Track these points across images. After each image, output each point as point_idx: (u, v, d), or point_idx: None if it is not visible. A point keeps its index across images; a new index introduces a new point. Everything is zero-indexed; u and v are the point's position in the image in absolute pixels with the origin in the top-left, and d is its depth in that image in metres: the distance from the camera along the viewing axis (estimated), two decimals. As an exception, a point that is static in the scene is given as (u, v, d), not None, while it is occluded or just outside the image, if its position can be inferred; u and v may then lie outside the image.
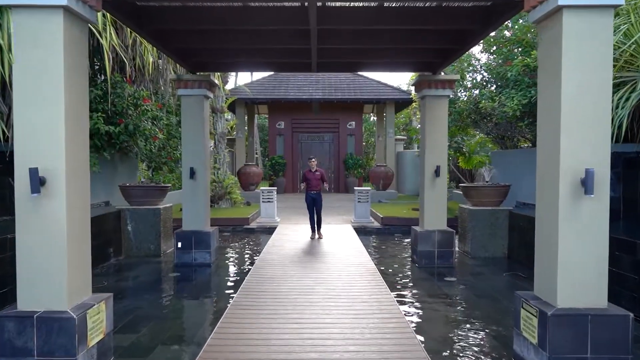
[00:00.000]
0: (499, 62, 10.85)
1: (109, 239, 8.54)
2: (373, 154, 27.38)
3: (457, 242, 9.26)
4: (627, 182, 6.95)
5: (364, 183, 22.20)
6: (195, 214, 8.25)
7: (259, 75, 22.94)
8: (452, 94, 8.68)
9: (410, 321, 5.17)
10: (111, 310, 4.22)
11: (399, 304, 5.65)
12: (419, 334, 4.69)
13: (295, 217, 13.20)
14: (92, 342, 3.84)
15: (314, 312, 5.15)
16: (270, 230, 11.32)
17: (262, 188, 13.11)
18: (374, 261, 7.82)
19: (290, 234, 10.54)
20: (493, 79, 11.00)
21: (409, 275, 7.70)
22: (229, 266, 8.55)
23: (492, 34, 10.14)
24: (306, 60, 7.56)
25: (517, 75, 8.99)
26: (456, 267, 8.16)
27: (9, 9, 5.45)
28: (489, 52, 11.62)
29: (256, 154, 26.97)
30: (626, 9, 6.82)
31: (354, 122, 21.84)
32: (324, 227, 10.57)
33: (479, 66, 11.98)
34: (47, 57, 3.65)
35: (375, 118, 25.18)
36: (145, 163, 12.24)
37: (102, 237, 8.22)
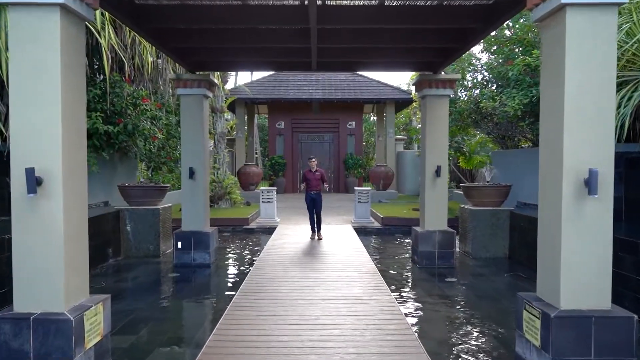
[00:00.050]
0: (499, 61, 10.81)
1: (108, 239, 8.50)
2: (373, 154, 27.34)
3: (457, 242, 9.22)
4: (629, 182, 6.91)
5: (364, 183, 22.16)
6: (195, 214, 8.21)
7: (259, 75, 22.91)
8: (453, 93, 8.62)
9: (411, 322, 5.13)
10: (109, 311, 4.17)
11: (400, 305, 5.61)
12: (420, 336, 4.64)
13: (295, 217, 13.15)
14: (90, 344, 3.80)
15: (313, 313, 5.11)
16: (270, 231, 11.28)
17: (262, 188, 13.07)
18: (374, 262, 7.78)
19: (290, 234, 10.49)
20: (494, 78, 10.95)
21: (409, 276, 7.66)
22: (228, 267, 8.51)
23: (493, 33, 10.11)
24: (306, 60, 7.52)
25: (518, 74, 8.96)
26: (457, 267, 8.12)
27: (5, 7, 5.39)
28: (490, 51, 11.58)
29: (256, 153, 26.93)
30: (628, 7, 6.77)
31: (354, 122, 21.79)
32: (324, 227, 10.53)
33: (479, 66, 11.94)
34: (43, 56, 3.60)
35: (375, 118, 25.14)
36: (144, 163, 12.20)
37: (100, 237, 8.18)
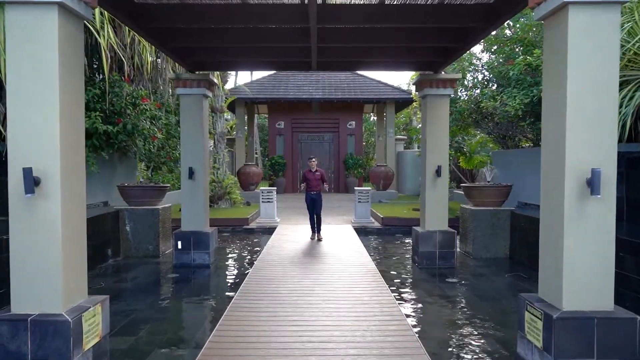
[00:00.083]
0: (499, 61, 10.78)
1: (107, 239, 8.47)
2: (373, 153, 27.30)
3: (458, 242, 9.19)
4: (631, 182, 6.87)
5: (364, 183, 22.13)
6: (194, 214, 8.18)
7: (259, 75, 22.87)
8: (453, 93, 8.59)
9: (411, 323, 5.10)
10: (107, 312, 4.14)
11: (400, 306, 5.58)
12: (420, 336, 4.61)
13: (295, 217, 13.12)
14: (88, 345, 3.77)
15: (313, 314, 5.08)
16: (270, 231, 11.24)
17: (261, 188, 13.04)
18: (374, 262, 7.74)
19: (290, 234, 10.46)
20: (494, 78, 10.92)
21: (410, 276, 7.63)
22: (228, 267, 8.47)
23: (493, 33, 10.07)
24: (306, 59, 7.49)
25: (519, 74, 8.92)
26: (457, 268, 8.09)
27: (2, 5, 5.36)
28: (490, 51, 11.55)
29: (256, 153, 26.89)
30: (630, 7, 6.74)
31: (354, 122, 21.76)
32: (324, 227, 10.49)
33: (480, 65, 11.91)
34: (41, 55, 3.57)
35: (376, 118, 25.10)
36: (144, 163, 12.17)
37: (100, 237, 8.14)
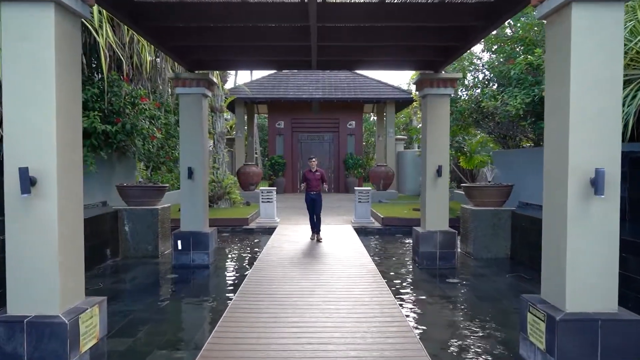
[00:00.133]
0: (500, 60, 10.73)
1: (106, 239, 8.42)
2: (373, 153, 27.26)
3: (459, 243, 9.15)
4: (633, 182, 6.83)
5: (364, 183, 22.08)
6: (194, 214, 8.13)
7: (259, 75, 22.81)
8: (454, 92, 8.55)
9: (412, 324, 5.05)
10: (105, 314, 4.10)
11: (401, 307, 5.54)
12: (421, 338, 4.57)
13: (295, 217, 13.08)
14: (85, 347, 3.73)
15: (313, 315, 5.04)
16: (269, 231, 11.20)
17: (261, 188, 12.99)
18: (374, 262, 7.70)
19: (290, 234, 10.41)
20: (495, 77, 10.88)
21: (410, 277, 7.58)
22: (227, 267, 8.42)
23: (494, 32, 10.02)
24: (306, 58, 7.45)
25: (520, 73, 8.87)
26: (458, 268, 8.04)
27: None
28: (491, 51, 11.50)
29: (256, 153, 26.85)
30: (632, 5, 6.70)
31: (354, 122, 21.71)
32: (324, 227, 10.44)
33: (480, 65, 11.86)
34: (37, 53, 3.53)
35: (376, 118, 25.05)
36: (143, 163, 12.12)
37: (98, 237, 8.10)
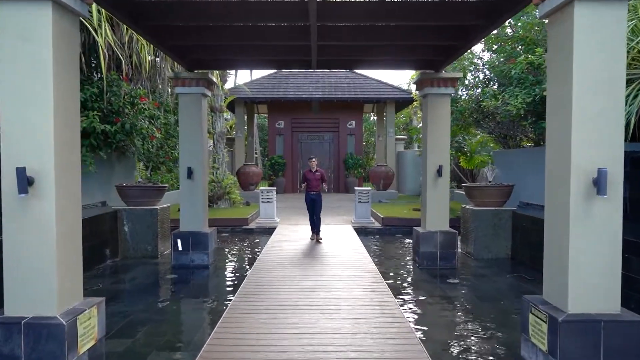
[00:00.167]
0: (500, 60, 10.69)
1: (105, 239, 8.39)
2: (373, 153, 27.22)
3: (459, 243, 9.11)
4: (635, 182, 6.79)
5: (364, 183, 22.04)
6: (193, 214, 8.10)
7: (259, 75, 22.77)
8: (454, 92, 8.50)
9: (413, 325, 5.02)
10: (103, 315, 4.07)
11: (401, 307, 5.50)
12: (422, 339, 4.54)
13: (295, 217, 13.04)
14: (83, 348, 3.69)
15: (313, 316, 5.00)
16: (269, 231, 11.16)
17: (261, 188, 12.96)
18: (374, 262, 7.67)
19: (290, 234, 10.38)
20: (496, 77, 10.84)
21: (411, 277, 7.55)
22: (227, 268, 8.39)
23: (494, 32, 9.99)
24: (306, 58, 7.41)
25: (521, 73, 8.84)
26: (459, 268, 8.01)
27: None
28: (491, 50, 11.46)
29: (256, 153, 26.81)
30: (633, 4, 6.67)
31: (354, 122, 21.67)
32: (324, 227, 10.41)
33: (481, 64, 11.83)
34: (35, 52, 3.50)
35: (376, 117, 25.01)
36: (142, 163, 12.08)
37: (98, 238, 8.07)
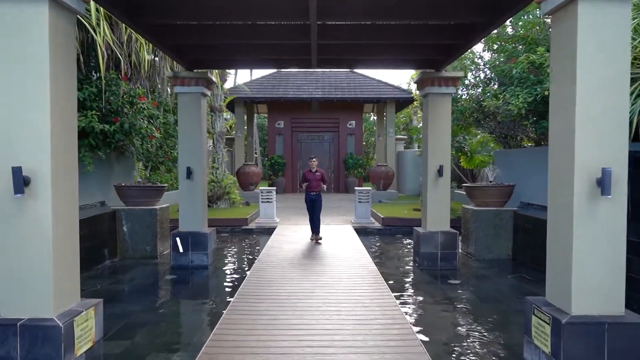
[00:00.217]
0: (500, 60, 10.64)
1: (104, 240, 8.34)
2: (373, 153, 27.17)
3: (460, 243, 9.06)
4: (637, 183, 6.74)
5: (364, 183, 22.00)
6: (193, 214, 8.05)
7: (259, 74, 22.72)
8: (455, 91, 8.45)
9: (414, 326, 4.97)
10: (101, 316, 4.02)
11: (402, 308, 5.45)
12: (423, 340, 4.49)
13: (294, 217, 13.00)
14: (80, 351, 3.65)
15: (313, 317, 4.96)
16: (269, 231, 11.12)
17: (261, 188, 12.91)
18: (375, 263, 7.62)
19: (290, 234, 10.33)
20: (496, 76, 10.78)
21: (411, 278, 7.50)
22: (226, 268, 8.34)
23: (495, 31, 9.93)
24: (306, 57, 7.37)
25: (522, 72, 8.78)
26: (460, 269, 7.96)
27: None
28: (492, 50, 11.40)
29: (255, 153, 26.76)
30: (635, 3, 6.62)
31: (354, 122, 21.62)
32: (324, 227, 10.36)
33: (481, 64, 11.77)
34: (31, 50, 3.45)
35: (376, 117, 24.96)
36: (142, 162, 12.03)
37: (96, 238, 8.02)
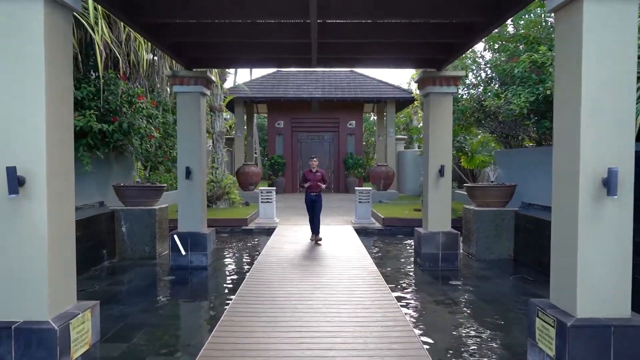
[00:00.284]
0: (501, 59, 10.57)
1: (102, 240, 8.27)
2: (373, 153, 27.11)
3: (461, 244, 9.00)
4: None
5: (364, 183, 21.94)
6: (192, 215, 7.98)
7: (258, 74, 22.68)
8: (456, 91, 8.39)
9: (415, 328, 4.91)
10: (97, 319, 3.95)
11: (403, 310, 5.39)
12: (425, 343, 4.43)
13: (294, 217, 12.93)
14: (76, 354, 3.58)
15: (314, 318, 4.89)
16: (269, 232, 11.06)
17: (261, 188, 12.85)
18: (375, 264, 7.55)
19: (290, 235, 10.27)
20: (498, 76, 10.72)
21: (412, 279, 7.44)
22: (226, 269, 8.28)
23: (496, 30, 9.86)
24: (306, 56, 7.30)
25: (524, 71, 8.72)
26: (461, 270, 7.90)
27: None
28: (493, 49, 11.33)
29: (255, 153, 26.69)
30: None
31: (354, 122, 21.55)
32: (324, 227, 10.30)
33: (483, 63, 11.71)
34: (26, 48, 3.37)
35: (376, 117, 24.90)
36: (140, 162, 11.96)
37: (95, 238, 7.95)
